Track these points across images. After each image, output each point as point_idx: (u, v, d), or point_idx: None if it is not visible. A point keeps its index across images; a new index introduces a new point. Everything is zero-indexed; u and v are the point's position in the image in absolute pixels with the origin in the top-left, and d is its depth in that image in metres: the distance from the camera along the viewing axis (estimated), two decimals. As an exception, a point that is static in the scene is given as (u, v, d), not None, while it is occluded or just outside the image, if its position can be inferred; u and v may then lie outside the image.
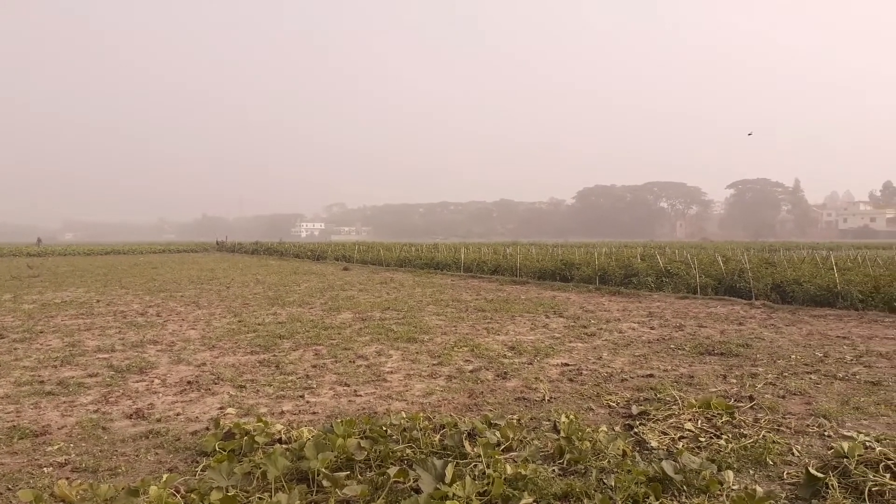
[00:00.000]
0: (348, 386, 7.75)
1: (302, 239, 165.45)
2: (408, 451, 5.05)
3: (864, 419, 6.22)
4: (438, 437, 5.36)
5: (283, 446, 5.24)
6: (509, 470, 4.56)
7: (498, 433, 5.42)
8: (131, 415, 6.59)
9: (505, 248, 41.91)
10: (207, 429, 5.99)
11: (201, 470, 4.92)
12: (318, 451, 4.72)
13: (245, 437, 5.42)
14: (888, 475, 4.30)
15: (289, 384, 7.86)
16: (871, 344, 10.31)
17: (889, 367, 8.52)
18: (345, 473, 4.60)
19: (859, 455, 4.58)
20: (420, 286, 22.00)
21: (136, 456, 5.39)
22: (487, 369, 8.58)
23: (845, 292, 15.20)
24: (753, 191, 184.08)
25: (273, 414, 6.59)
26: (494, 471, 4.55)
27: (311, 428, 5.79)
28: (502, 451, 5.16)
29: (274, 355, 9.64)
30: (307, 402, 7.09)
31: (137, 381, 8.12)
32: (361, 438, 5.18)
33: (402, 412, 6.23)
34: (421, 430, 5.46)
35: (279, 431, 5.67)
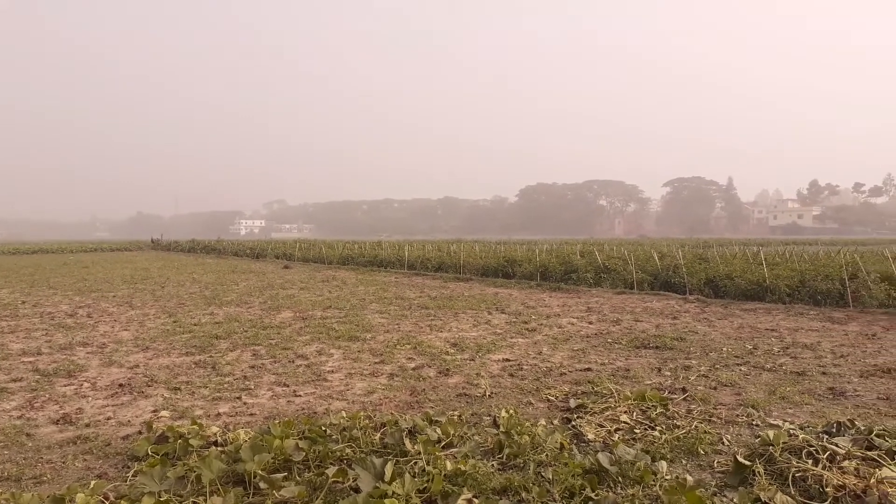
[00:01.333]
0: (287, 386, 7.64)
1: (241, 237, 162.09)
2: (347, 450, 5.01)
3: (790, 408, 6.51)
4: (379, 435, 5.34)
5: (219, 449, 5.13)
6: (449, 466, 4.58)
7: (439, 430, 5.43)
8: (58, 420, 6.33)
9: (449, 245, 42.06)
10: (140, 433, 5.81)
11: (132, 475, 4.76)
12: (255, 452, 4.64)
13: (179, 441, 5.27)
14: (810, 461, 4.51)
15: (225, 385, 7.69)
16: (797, 336, 10.79)
17: (813, 358, 8.93)
18: (282, 475, 4.53)
19: (784, 442, 4.79)
20: (363, 284, 21.86)
21: (63, 463, 5.17)
22: (430, 366, 8.59)
23: (774, 286, 15.87)
24: (689, 189, 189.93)
25: (209, 416, 6.43)
26: (434, 467, 4.57)
27: (249, 430, 5.68)
28: (443, 447, 5.19)
29: (210, 356, 9.41)
30: (244, 403, 6.95)
31: (65, 385, 7.79)
32: (300, 439, 5.11)
33: (343, 411, 6.18)
34: (361, 429, 5.43)
35: (215, 434, 5.54)
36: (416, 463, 4.71)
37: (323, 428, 5.41)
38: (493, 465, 4.82)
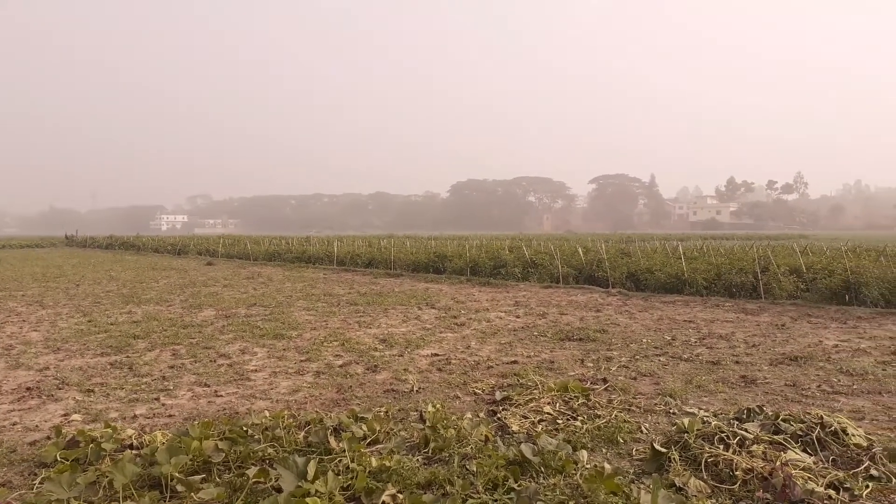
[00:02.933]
0: (208, 386, 7.41)
1: (162, 232, 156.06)
2: (270, 450, 4.91)
3: (705, 396, 6.78)
4: (303, 434, 5.25)
5: (134, 452, 4.94)
6: (374, 463, 4.55)
7: (364, 426, 5.38)
8: (-44, 428, 5.93)
9: (380, 240, 41.83)
10: (48, 438, 5.51)
11: (39, 483, 4.52)
12: (172, 455, 4.49)
13: (91, 445, 5.03)
14: (722, 446, 4.70)
15: (143, 387, 7.40)
16: (712, 327, 11.26)
17: (727, 348, 9.34)
18: (200, 477, 4.40)
19: (698, 430, 4.98)
20: (290, 281, 21.46)
21: (-39, 474, 4.84)
22: (357, 363, 8.51)
23: (692, 280, 16.52)
24: (613, 186, 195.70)
25: (125, 419, 6.17)
26: (359, 464, 4.53)
27: (166, 432, 5.47)
28: (369, 444, 5.16)
29: (127, 356, 9.02)
30: (163, 404, 6.70)
31: (-35, 391, 7.31)
32: (220, 440, 4.97)
33: (266, 411, 6.06)
34: (285, 428, 5.32)
35: (130, 437, 5.33)
36: (340, 461, 4.67)
37: (244, 428, 5.28)
38: (418, 459, 4.82)
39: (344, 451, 4.78)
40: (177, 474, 4.33)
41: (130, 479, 4.24)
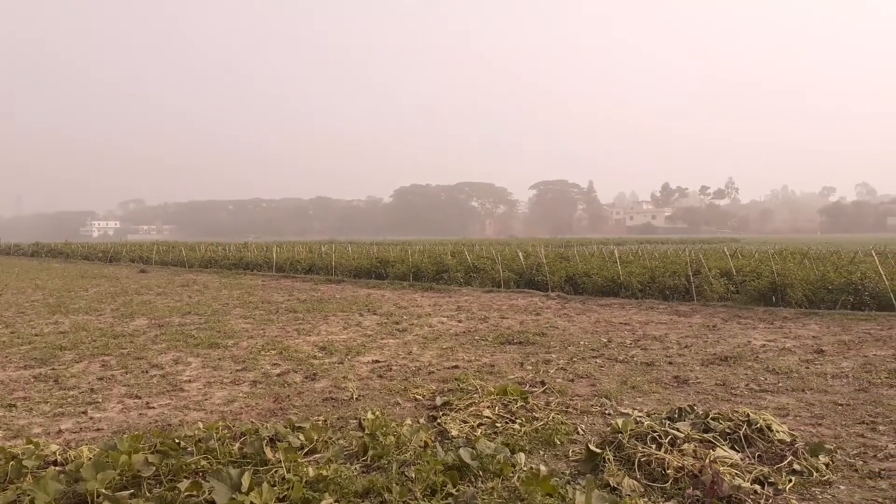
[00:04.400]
0: (140, 398, 7.15)
1: (93, 239, 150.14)
2: (203, 462, 4.78)
3: (639, 397, 6.96)
4: (238, 445, 5.13)
5: (58, 469, 4.72)
6: (311, 472, 4.49)
7: (302, 436, 5.30)
8: None
9: (321, 246, 41.34)
10: (-38, 458, 5.19)
11: (-49, 506, 4.25)
12: (98, 470, 4.31)
13: (11, 462, 4.78)
14: (654, 446, 4.82)
15: (69, 400, 7.09)
16: (647, 329, 11.57)
17: (661, 349, 9.61)
18: (129, 492, 4.24)
19: (632, 430, 5.09)
20: (227, 288, 20.97)
21: None
22: (296, 372, 8.37)
23: (627, 283, 16.95)
24: (553, 191, 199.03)
25: (49, 434, 5.90)
26: (295, 475, 4.45)
27: (93, 446, 5.25)
28: (306, 453, 5.08)
29: (53, 369, 8.63)
30: (90, 418, 6.44)
31: None
32: (151, 453, 4.80)
33: (200, 422, 5.90)
34: (219, 439, 5.19)
35: (54, 453, 5.09)
36: (276, 471, 4.58)
37: (177, 440, 5.13)
38: (356, 468, 4.76)
39: (280, 461, 4.69)
40: (103, 490, 4.16)
41: (53, 497, 4.06)
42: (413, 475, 4.39)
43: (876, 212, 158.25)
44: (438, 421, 5.94)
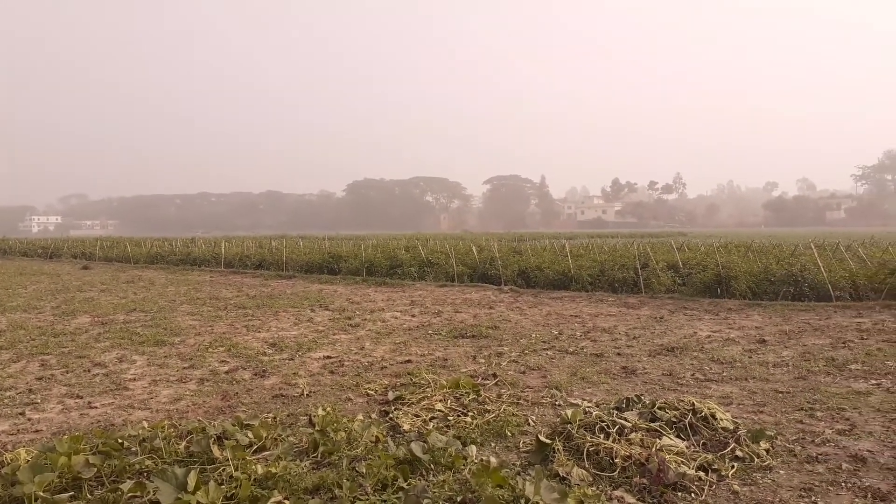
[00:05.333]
0: (81, 398, 6.92)
1: (33, 235, 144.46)
2: (148, 462, 4.66)
3: (589, 387, 7.06)
4: (184, 444, 5.01)
5: (-8, 473, 4.51)
6: (260, 470, 4.42)
7: (251, 434, 5.21)
8: None
9: (271, 241, 40.70)
10: None
11: None
12: (36, 473, 4.15)
13: (-58, 468, 4.56)
14: (602, 435, 4.90)
15: (6, 401, 6.82)
16: (596, 321, 11.75)
17: (610, 340, 9.78)
18: (68, 495, 4.10)
19: (581, 420, 5.16)
20: (173, 284, 20.47)
21: None
22: (245, 369, 8.22)
23: (578, 276, 17.18)
24: (507, 186, 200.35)
25: (-18, 438, 5.65)
26: (243, 473, 4.37)
27: (31, 448, 5.06)
28: (255, 451, 5.00)
29: (-13, 370, 8.27)
30: (29, 419, 6.20)
31: None
32: (92, 454, 4.66)
33: (144, 421, 5.74)
34: (164, 438, 5.07)
35: (-11, 456, 4.87)
36: (224, 470, 4.49)
37: (119, 440, 4.99)
38: (306, 464, 4.71)
39: (228, 459, 4.60)
40: (41, 493, 4.01)
41: (-15, 503, 3.88)
42: (364, 470, 4.36)
43: (816, 206, 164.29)
44: (390, 416, 5.91)
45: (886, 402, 6.24)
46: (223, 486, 4.14)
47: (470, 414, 5.82)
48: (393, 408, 6.16)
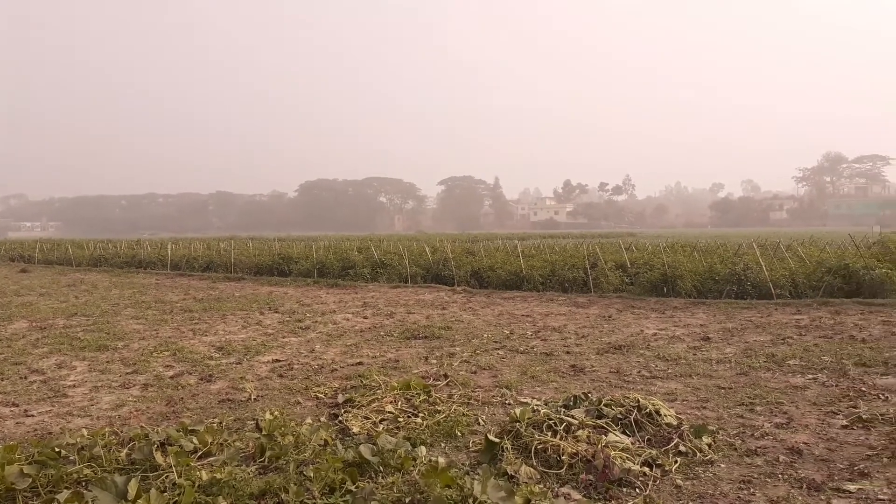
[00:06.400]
0: (17, 406, 6.66)
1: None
2: (87, 471, 4.53)
3: (538, 386, 7.14)
4: (126, 451, 4.87)
5: (-82, 488, 4.30)
6: (204, 476, 4.32)
7: (195, 439, 5.09)
8: None
9: (219, 242, 39.91)
10: None
11: None
12: (-36, 487, 3.96)
13: None
14: (550, 433, 4.95)
15: (-66, 412, 6.49)
16: (547, 320, 11.89)
17: (559, 339, 9.91)
18: (0, 508, 3.93)
19: (529, 418, 5.21)
20: (117, 287, 19.89)
21: None
22: (190, 373, 8.04)
23: (529, 276, 17.37)
24: (461, 187, 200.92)
25: None
26: (187, 479, 4.28)
27: (-40, 461, 4.83)
28: (200, 457, 4.89)
29: (-86, 379, 7.88)
30: (-42, 431, 5.92)
31: None
32: (27, 464, 4.49)
33: (84, 429, 5.54)
34: (104, 446, 4.92)
35: (-87, 470, 4.63)
36: (167, 477, 4.39)
37: (57, 449, 4.82)
38: (252, 469, 4.63)
39: (171, 466, 4.49)
40: (-31, 509, 3.84)
41: None
42: (312, 474, 4.31)
43: (760, 207, 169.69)
44: (340, 419, 5.86)
45: (822, 395, 6.49)
46: (166, 494, 4.04)
47: (420, 415, 5.82)
48: (343, 410, 6.11)
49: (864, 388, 6.64)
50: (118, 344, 9.97)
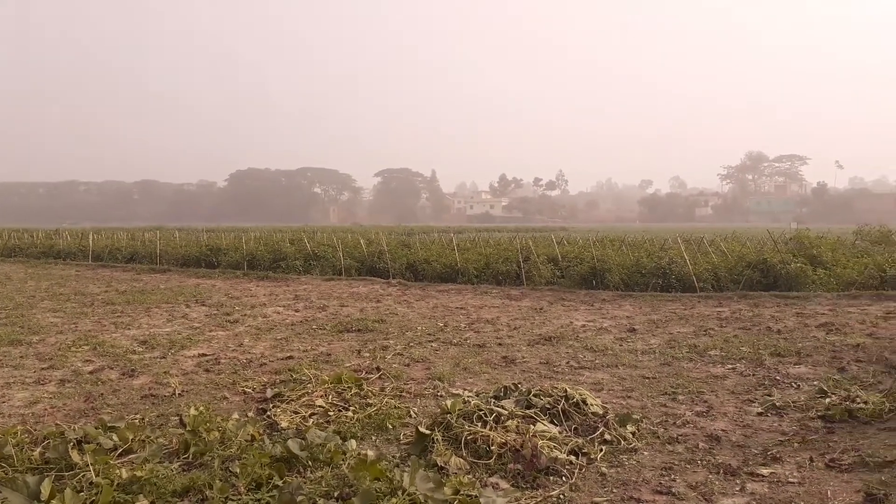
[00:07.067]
0: (-82, 406, 6.25)
1: None
2: (-5, 472, 4.27)
3: (471, 378, 7.20)
4: (40, 450, 4.65)
5: None
6: (124, 474, 4.18)
7: (115, 436, 4.92)
8: None
9: (144, 233, 38.50)
10: None
11: None
12: None
13: None
14: (480, 424, 5.01)
15: None
16: (481, 312, 12.00)
17: (492, 331, 10.02)
18: None
19: (460, 410, 5.25)
20: (34, 279, 18.93)
21: None
22: (112, 368, 7.73)
23: (464, 269, 17.49)
24: (398, 179, 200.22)
25: None
26: (105, 478, 4.12)
27: None
28: (120, 454, 4.73)
29: None
30: None
31: None
32: (-74, 468, 4.21)
33: (-7, 428, 5.25)
34: (16, 445, 4.68)
35: None
36: (83, 476, 4.21)
37: (-40, 451, 4.53)
38: (176, 466, 4.50)
39: (88, 465, 4.31)
40: None
41: None
42: (237, 470, 4.22)
43: (686, 202, 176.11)
44: (268, 413, 5.76)
45: (740, 384, 6.80)
46: (82, 494, 3.89)
47: (352, 408, 5.78)
48: (271, 405, 6.00)
49: (778, 377, 7.00)
50: (33, 338, 9.49)
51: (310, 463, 4.43)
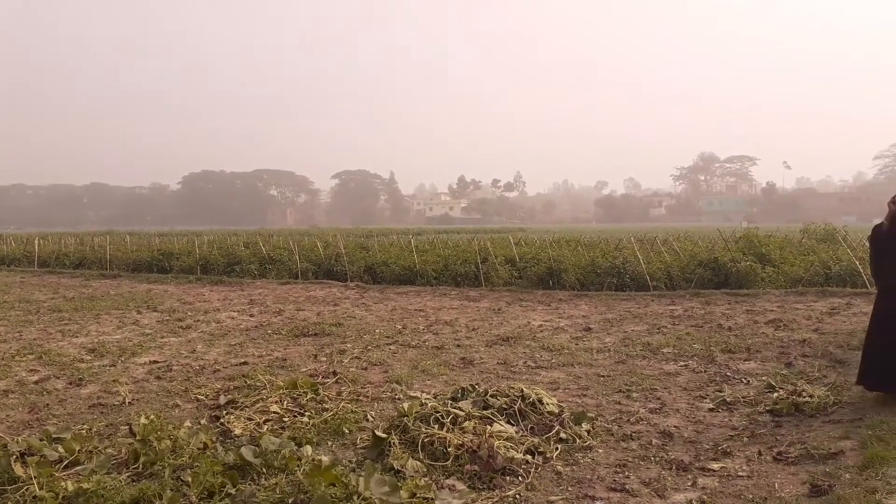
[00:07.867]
0: None
1: None
2: (-70, 490, 4.09)
3: (429, 380, 7.20)
4: (-21, 465, 4.46)
5: None
6: (70, 487, 4.05)
7: (61, 448, 4.76)
8: None
9: (93, 237, 37.43)
10: None
11: None
12: None
13: None
14: (437, 426, 5.01)
15: None
16: (439, 314, 12.01)
17: (451, 333, 10.03)
18: None
19: (417, 412, 5.24)
20: (-24, 286, 18.20)
21: None
22: (58, 377, 7.49)
23: (423, 271, 17.48)
24: (356, 181, 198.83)
25: None
26: (49, 491, 3.98)
27: None
28: (66, 466, 4.59)
29: None
30: None
31: None
32: None
33: (-72, 443, 5.02)
34: (-47, 461, 4.47)
35: None
36: (27, 489, 4.07)
37: None
38: (125, 477, 4.38)
39: (32, 478, 4.16)
40: None
41: None
42: (189, 479, 4.13)
43: (641, 203, 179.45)
44: (222, 420, 5.65)
45: (692, 381, 6.95)
46: (24, 509, 3.76)
47: (307, 414, 5.71)
48: (224, 412, 5.89)
49: (728, 373, 7.18)
50: (-27, 348, 9.13)
51: (264, 470, 4.36)
